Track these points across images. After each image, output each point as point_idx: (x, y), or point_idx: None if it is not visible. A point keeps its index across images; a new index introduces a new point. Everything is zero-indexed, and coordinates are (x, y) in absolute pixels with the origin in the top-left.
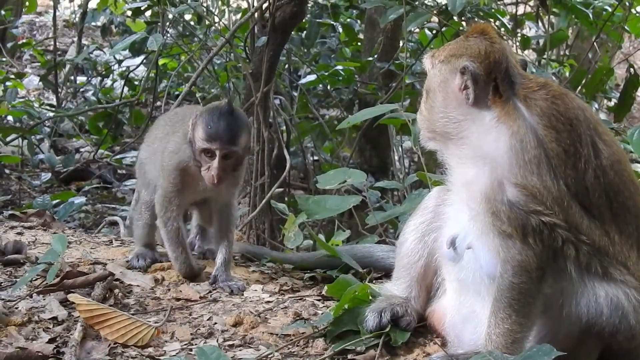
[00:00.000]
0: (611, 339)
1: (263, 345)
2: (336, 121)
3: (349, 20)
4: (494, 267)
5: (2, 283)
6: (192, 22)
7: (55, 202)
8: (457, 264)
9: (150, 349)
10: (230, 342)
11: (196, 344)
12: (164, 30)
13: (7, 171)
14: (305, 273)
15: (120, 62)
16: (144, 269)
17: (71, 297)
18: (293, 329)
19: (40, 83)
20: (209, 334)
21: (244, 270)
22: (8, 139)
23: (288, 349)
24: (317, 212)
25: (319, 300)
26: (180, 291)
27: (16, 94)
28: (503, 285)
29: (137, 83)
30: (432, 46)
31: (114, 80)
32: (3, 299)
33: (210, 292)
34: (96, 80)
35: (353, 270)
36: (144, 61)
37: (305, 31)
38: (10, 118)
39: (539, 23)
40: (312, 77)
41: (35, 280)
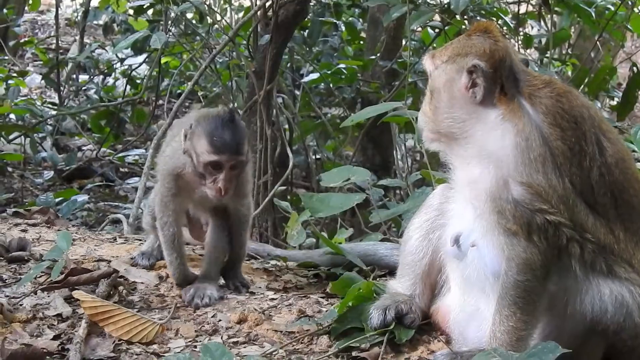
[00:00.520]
0: (615, 337)
1: (267, 342)
2: (339, 120)
3: (352, 18)
4: (499, 265)
5: (7, 280)
6: (194, 21)
7: (58, 200)
8: (462, 262)
9: (154, 346)
10: (234, 339)
11: (200, 341)
12: (167, 28)
13: (10, 169)
14: (309, 270)
15: (122, 61)
16: (148, 268)
17: (76, 294)
18: (297, 326)
19: (42, 81)
20: (214, 331)
21: (248, 267)
22: (10, 137)
23: (292, 346)
24: (321, 210)
25: (323, 297)
26: None
27: (18, 93)
28: (507, 282)
29: (140, 81)
30: (435, 45)
31: (116, 78)
32: (8, 296)
33: None
34: (98, 78)
35: (357, 267)
36: (146, 60)
37: (307, 30)
38: (12, 116)
39: (542, 22)
40: (315, 76)
41: (39, 277)
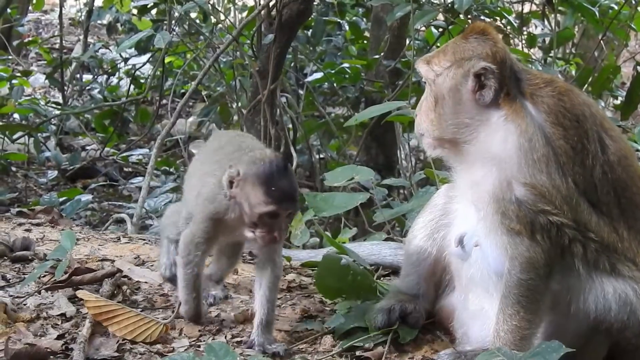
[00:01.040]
0: (619, 336)
1: None
2: (342, 119)
3: (355, 18)
4: (502, 264)
5: (11, 279)
6: (198, 20)
7: (62, 200)
8: (466, 262)
9: (158, 346)
10: (238, 339)
11: (204, 341)
12: (170, 28)
13: (14, 169)
14: (313, 270)
15: (126, 60)
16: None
17: (79, 294)
18: (302, 327)
19: (46, 81)
20: (217, 331)
21: (252, 267)
22: (14, 137)
23: (297, 346)
24: (325, 209)
25: None
26: None
27: (22, 92)
28: (511, 282)
29: (143, 81)
30: (439, 44)
31: (120, 78)
32: (12, 296)
33: None
34: (102, 78)
35: None
36: (150, 59)
37: (311, 29)
38: (16, 116)
39: (545, 21)
40: (319, 75)
41: (43, 276)
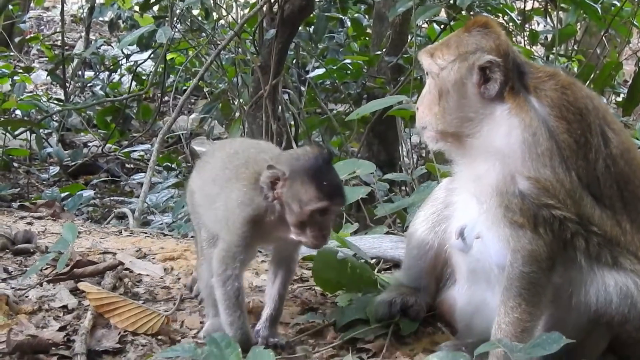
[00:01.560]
0: (620, 329)
1: None
2: (344, 116)
3: (357, 14)
4: (504, 257)
5: (13, 272)
6: (200, 17)
7: (64, 195)
8: (467, 254)
9: (160, 337)
10: None
11: None
12: (172, 24)
13: (16, 165)
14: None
15: (128, 57)
16: None
17: (81, 286)
18: (304, 319)
19: (48, 78)
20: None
21: (253, 260)
22: (16, 133)
23: (298, 338)
24: None
25: None
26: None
27: (24, 89)
28: (513, 274)
29: (145, 78)
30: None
31: (122, 74)
32: (13, 288)
33: None
34: (104, 74)
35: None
36: (152, 56)
37: (313, 26)
38: (18, 112)
39: (548, 18)
40: (321, 71)
41: (45, 269)
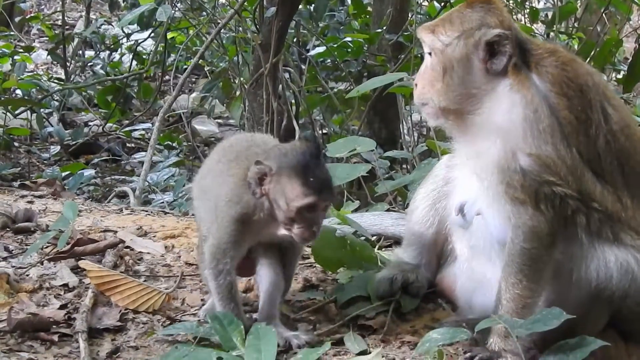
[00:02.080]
0: (621, 303)
1: None
2: (345, 93)
3: None
4: (504, 233)
5: (13, 250)
6: None
7: (65, 174)
8: (467, 231)
9: (160, 315)
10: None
11: None
12: (173, 2)
13: (16, 144)
14: None
15: (128, 36)
16: None
17: (82, 264)
18: (305, 296)
19: (48, 57)
20: None
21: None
22: (17, 112)
23: (300, 315)
24: None
25: None
26: (192, 258)
27: (24, 68)
28: (514, 250)
29: (146, 57)
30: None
31: (122, 54)
32: (14, 266)
33: None
34: (104, 54)
35: None
36: (152, 35)
37: (313, 4)
38: (19, 91)
39: None
40: (321, 50)
41: (46, 247)
